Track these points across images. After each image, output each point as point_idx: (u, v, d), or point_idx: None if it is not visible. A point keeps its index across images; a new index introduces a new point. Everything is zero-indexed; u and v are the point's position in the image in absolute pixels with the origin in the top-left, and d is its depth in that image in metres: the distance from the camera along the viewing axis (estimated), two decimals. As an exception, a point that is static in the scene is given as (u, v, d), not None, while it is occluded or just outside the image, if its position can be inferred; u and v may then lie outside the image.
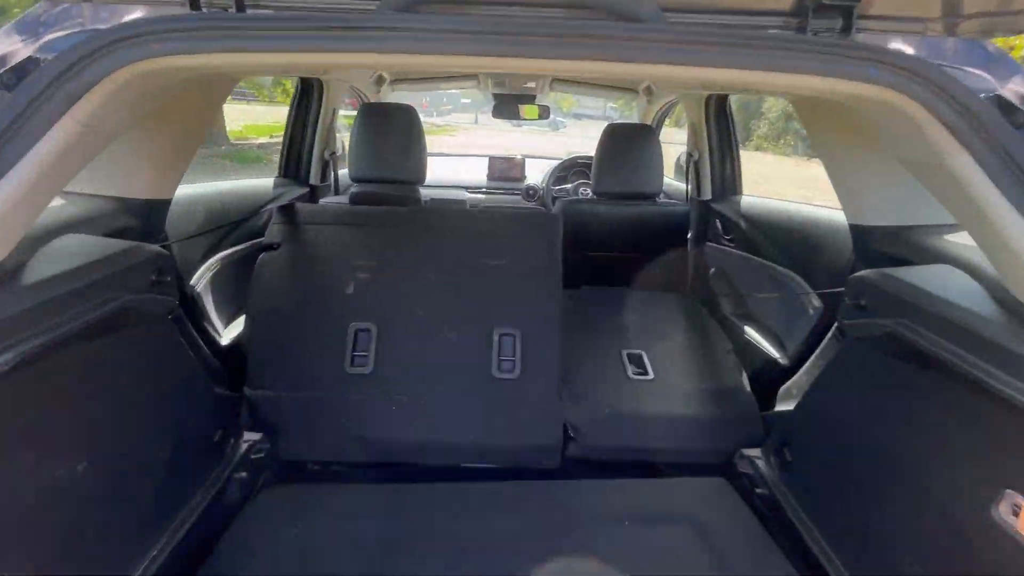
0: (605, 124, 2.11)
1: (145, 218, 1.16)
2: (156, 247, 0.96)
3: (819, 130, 1.24)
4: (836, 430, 1.10)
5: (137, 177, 1.14)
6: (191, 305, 1.43)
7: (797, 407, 1.26)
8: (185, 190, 1.52)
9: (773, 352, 1.67)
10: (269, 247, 1.62)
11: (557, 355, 1.54)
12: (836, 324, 1.33)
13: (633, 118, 3.43)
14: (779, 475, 1.29)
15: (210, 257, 1.56)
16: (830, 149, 1.23)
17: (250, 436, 1.37)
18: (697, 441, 1.48)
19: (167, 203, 1.23)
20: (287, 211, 1.67)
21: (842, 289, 1.10)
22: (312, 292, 1.58)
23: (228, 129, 12.68)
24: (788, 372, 1.58)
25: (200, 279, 1.49)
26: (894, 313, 0.88)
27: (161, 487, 1.02)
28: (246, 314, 1.58)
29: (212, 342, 1.50)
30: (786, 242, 1.72)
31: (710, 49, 0.69)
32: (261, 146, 12.03)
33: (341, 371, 1.49)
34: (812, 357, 1.44)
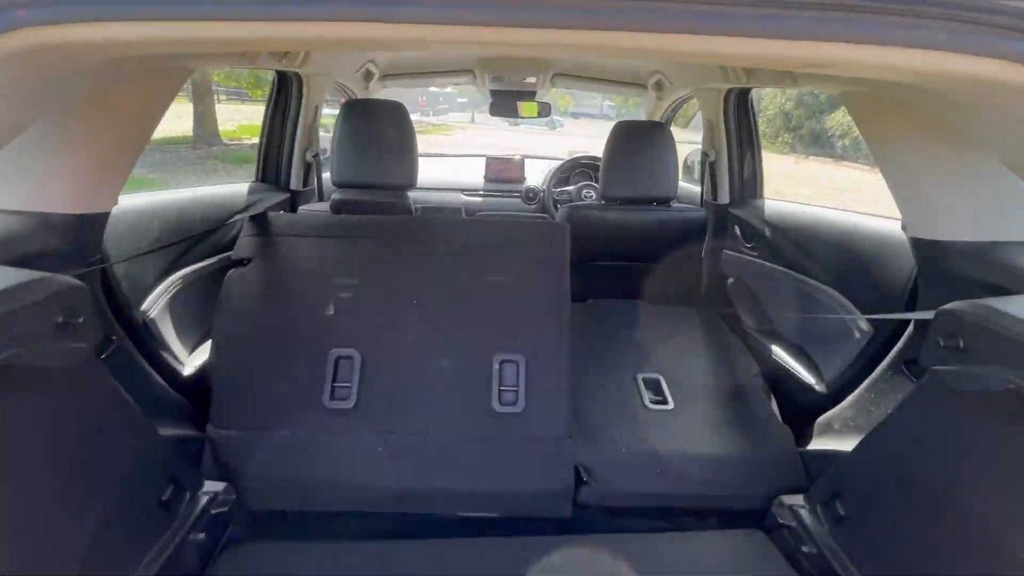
0: (603, 122, 1.92)
1: (75, 237, 0.97)
2: (66, 279, 0.77)
3: (878, 126, 1.05)
4: (912, 488, 0.92)
5: (64, 188, 0.94)
6: (143, 333, 1.23)
7: (856, 452, 1.07)
8: (139, 200, 1.33)
9: (808, 378, 1.49)
10: (238, 262, 1.43)
11: (566, 384, 1.35)
12: (896, 353, 1.14)
13: (631, 115, 3.23)
14: (829, 531, 1.10)
15: (170, 275, 1.37)
16: (891, 149, 1.04)
17: (211, 487, 1.18)
18: (728, 485, 1.29)
19: (104, 217, 1.03)
20: (259, 221, 1.48)
21: (920, 316, 0.92)
22: (287, 314, 1.39)
23: (221, 129, 12.49)
24: (826, 402, 1.40)
25: (156, 301, 1.30)
26: (1015, 362, 0.69)
27: (82, 573, 0.83)
28: (212, 340, 1.38)
29: (171, 374, 1.31)
30: (822, 253, 1.53)
31: (802, 14, 0.50)
32: (254, 146, 11.82)
33: (319, 405, 1.30)
34: (860, 388, 1.25)
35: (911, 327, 1.11)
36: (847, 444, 1.22)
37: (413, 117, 1.65)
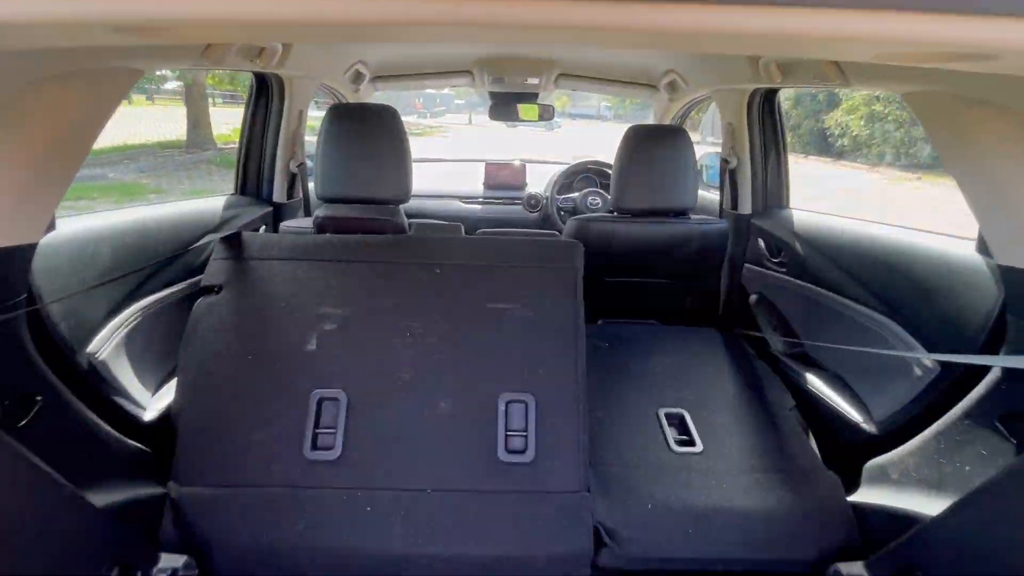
0: (600, 123, 1.75)
1: None
2: None
3: (956, 130, 0.89)
4: None
5: None
6: (91, 378, 1.06)
7: (942, 520, 0.89)
8: (85, 223, 1.16)
9: (853, 415, 1.32)
10: (208, 290, 1.26)
11: (583, 428, 1.18)
12: (978, 400, 0.97)
13: (629, 116, 3.06)
14: None
15: (127, 308, 1.19)
16: (974, 158, 0.87)
17: (169, 561, 1.00)
18: (771, 546, 1.12)
19: (29, 250, 0.86)
20: (232, 242, 1.31)
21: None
22: (262, 349, 1.22)
23: (216, 133, 12.31)
24: (875, 443, 1.23)
25: (109, 339, 1.13)
26: None
27: None
28: (177, 380, 1.21)
29: (128, 422, 1.13)
30: (867, 274, 1.36)
31: None
32: (248, 150, 11.61)
33: (299, 456, 1.13)
34: (925, 435, 1.08)
35: (999, 372, 0.94)
36: (911, 500, 1.05)
37: (409, 119, 1.48)
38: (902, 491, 1.09)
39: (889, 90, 1.10)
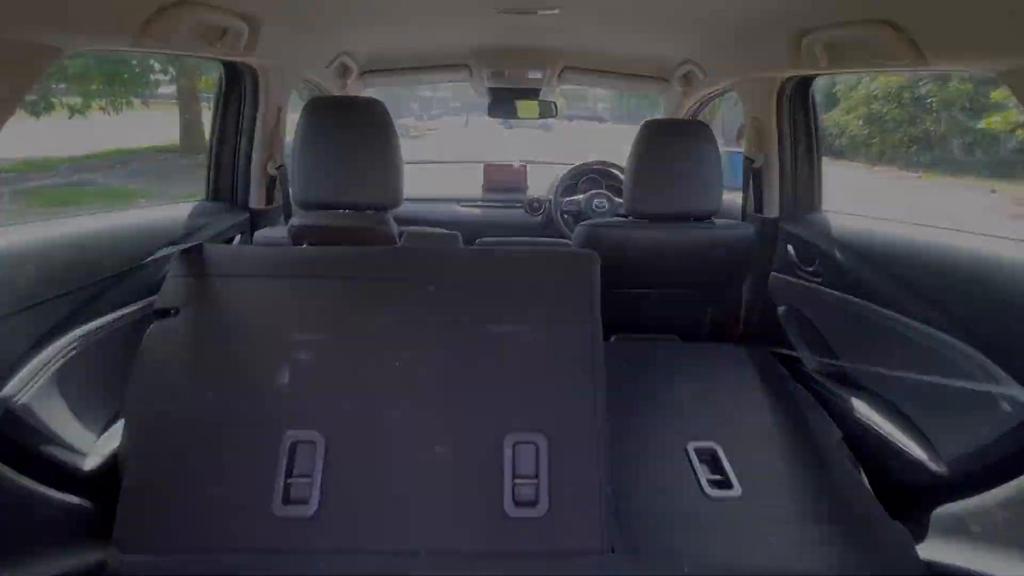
0: (597, 124, 1.58)
1: None
2: None
3: None
4: None
5: None
6: (7, 427, 0.88)
7: None
8: (7, 237, 0.97)
9: (915, 451, 1.14)
10: (163, 313, 1.08)
11: (605, 473, 1.00)
12: None
13: (628, 116, 2.89)
14: None
15: (58, 338, 1.01)
16: None
17: None
18: None
19: None
20: (191, 257, 1.12)
21: None
22: (225, 383, 1.04)
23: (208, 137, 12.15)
24: (942, 485, 1.06)
25: (35, 378, 0.94)
26: None
27: None
28: (124, 421, 1.03)
29: (62, 474, 0.95)
30: (934, 286, 1.18)
31: None
32: (241, 154, 11.50)
33: (267, 513, 0.95)
34: (1022, 481, 0.90)
35: None
36: (1008, 566, 0.87)
37: (406, 121, 1.31)
38: (991, 551, 0.91)
39: (978, 68, 0.92)
